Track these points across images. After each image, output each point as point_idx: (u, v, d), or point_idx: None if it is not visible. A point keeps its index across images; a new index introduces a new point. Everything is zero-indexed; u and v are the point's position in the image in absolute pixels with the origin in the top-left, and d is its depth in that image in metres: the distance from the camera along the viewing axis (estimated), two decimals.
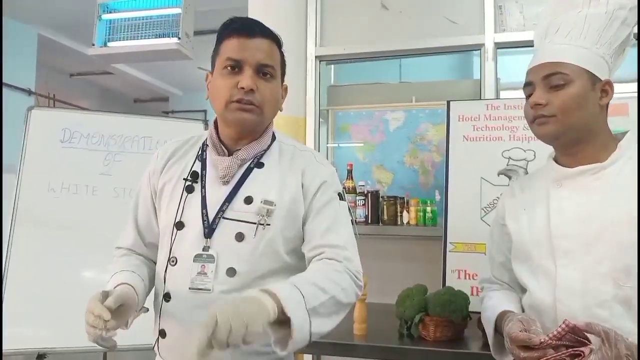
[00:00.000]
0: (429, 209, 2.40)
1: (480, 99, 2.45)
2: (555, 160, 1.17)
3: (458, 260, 2.06)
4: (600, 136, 1.10)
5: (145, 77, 6.47)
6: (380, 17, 2.65)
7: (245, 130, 1.17)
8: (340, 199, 1.18)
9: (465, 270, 2.04)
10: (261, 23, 1.19)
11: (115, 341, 1.04)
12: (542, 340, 0.96)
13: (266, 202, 1.12)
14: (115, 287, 1.09)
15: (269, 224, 1.12)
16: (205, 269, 1.10)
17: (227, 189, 1.15)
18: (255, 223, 1.12)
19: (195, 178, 1.18)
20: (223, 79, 1.13)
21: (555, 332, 0.96)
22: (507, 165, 2.07)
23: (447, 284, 2.00)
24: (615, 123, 1.18)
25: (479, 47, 2.52)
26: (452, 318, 1.70)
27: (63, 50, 5.27)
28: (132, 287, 1.11)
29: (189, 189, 1.17)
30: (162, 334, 1.15)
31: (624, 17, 1.11)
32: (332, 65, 2.95)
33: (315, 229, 1.13)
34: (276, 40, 1.19)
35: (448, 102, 2.23)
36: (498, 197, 2.05)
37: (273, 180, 1.16)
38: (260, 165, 1.18)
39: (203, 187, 1.17)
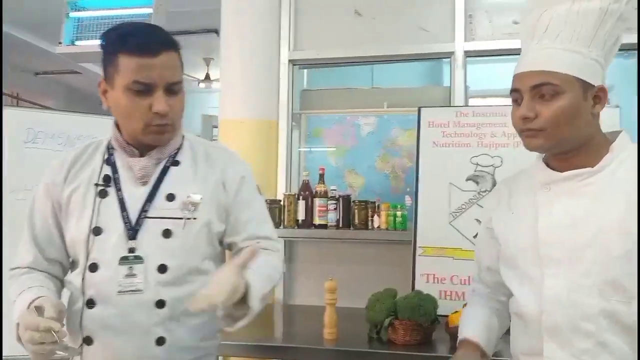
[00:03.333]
0: (399, 213, 2.42)
1: (450, 106, 2.49)
2: (546, 162, 1.09)
3: (427, 265, 2.08)
4: (593, 141, 1.04)
5: None
6: (354, 23, 2.67)
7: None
8: (259, 193, 1.29)
9: (434, 275, 2.07)
10: (159, 31, 1.13)
11: (70, 344, 1.03)
12: None
13: (191, 196, 1.15)
14: (32, 302, 1.04)
15: (195, 218, 1.15)
16: (133, 270, 1.10)
17: (147, 189, 1.16)
18: (181, 218, 1.14)
19: (107, 182, 1.16)
20: (131, 101, 1.10)
21: None
22: (475, 171, 2.12)
23: (416, 287, 2.02)
24: None
25: (449, 55, 2.57)
26: (421, 322, 1.72)
27: (28, 48, 5.12)
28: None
29: (102, 194, 1.15)
30: (88, 341, 1.11)
31: (620, 12, 1.01)
32: (305, 70, 2.95)
33: (247, 221, 1.22)
34: (176, 47, 1.14)
35: (419, 109, 2.26)
36: (466, 202, 2.09)
37: (192, 176, 1.19)
38: (176, 163, 1.20)
39: (119, 190, 1.16)
